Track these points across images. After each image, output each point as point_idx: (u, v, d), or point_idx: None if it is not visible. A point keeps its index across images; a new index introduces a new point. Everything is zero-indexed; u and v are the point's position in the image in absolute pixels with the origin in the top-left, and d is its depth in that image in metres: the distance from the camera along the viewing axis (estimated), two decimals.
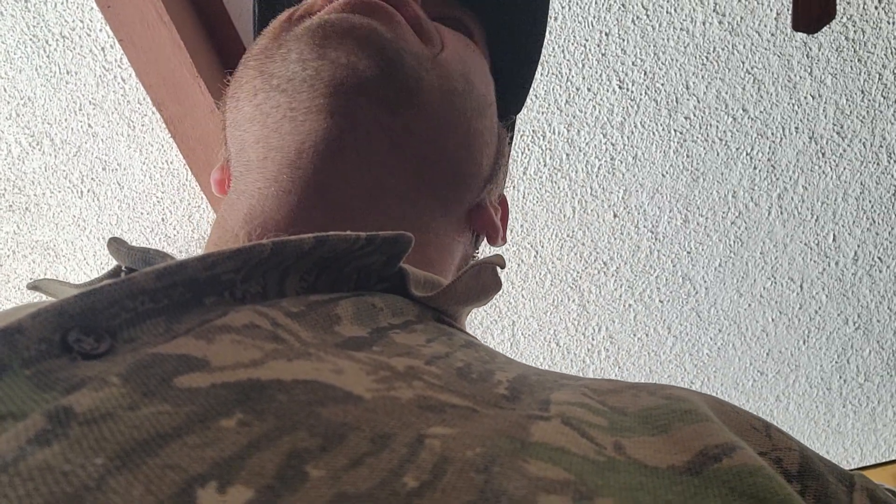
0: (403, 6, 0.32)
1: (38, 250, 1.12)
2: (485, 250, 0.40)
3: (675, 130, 0.95)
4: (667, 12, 0.86)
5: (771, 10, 0.86)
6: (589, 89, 0.92)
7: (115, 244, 0.32)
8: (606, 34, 0.88)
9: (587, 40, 0.89)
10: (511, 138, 0.40)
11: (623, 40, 0.88)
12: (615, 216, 1.03)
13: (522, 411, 0.20)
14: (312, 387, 0.19)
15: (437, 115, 0.31)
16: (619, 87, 0.92)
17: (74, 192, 1.05)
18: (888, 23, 0.86)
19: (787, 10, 0.85)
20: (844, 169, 0.98)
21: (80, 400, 0.17)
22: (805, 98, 0.92)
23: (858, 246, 1.06)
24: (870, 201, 1.02)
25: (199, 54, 0.83)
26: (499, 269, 0.33)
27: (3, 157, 1.02)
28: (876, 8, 0.85)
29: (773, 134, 0.95)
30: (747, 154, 0.97)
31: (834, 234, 1.05)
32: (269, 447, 0.17)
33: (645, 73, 0.90)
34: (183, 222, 1.08)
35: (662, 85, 0.91)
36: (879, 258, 1.08)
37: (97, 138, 1.00)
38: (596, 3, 0.86)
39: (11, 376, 0.17)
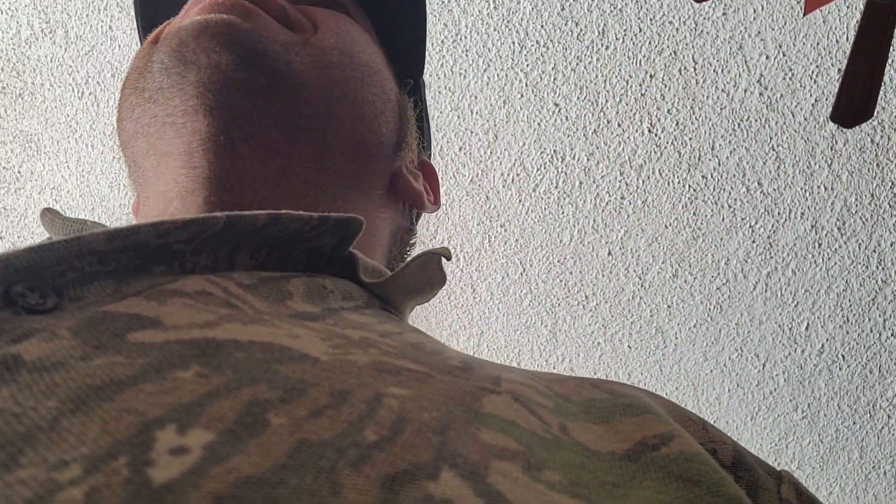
0: (263, 1, 0.32)
1: (19, 140, 1.06)
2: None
3: (689, 186, 0.96)
4: (713, 71, 0.87)
5: (811, 95, 0.87)
6: (619, 125, 0.92)
7: (49, 215, 0.31)
8: (651, 76, 0.88)
9: (631, 77, 0.89)
10: (418, 101, 0.41)
11: (665, 86, 0.89)
12: (609, 254, 1.04)
13: (475, 382, 0.21)
14: (269, 347, 0.19)
15: (319, 91, 0.31)
16: (649, 131, 0.92)
17: (75, 91, 1.00)
18: None
19: (826, 98, 0.87)
20: (835, 264, 1.01)
21: (29, 349, 0.16)
22: (818, 187, 0.94)
23: (827, 340, 1.09)
24: (849, 300, 1.04)
25: None
26: (444, 261, 0.33)
27: (11, 37, 0.97)
28: None
29: (779, 214, 0.97)
30: (750, 227, 0.99)
31: (808, 323, 1.08)
32: (229, 397, 0.16)
33: (677, 124, 0.91)
34: None
35: (690, 139, 0.92)
36: (843, 356, 1.11)
37: (115, 42, 0.96)
38: (649, 44, 0.86)
39: None
